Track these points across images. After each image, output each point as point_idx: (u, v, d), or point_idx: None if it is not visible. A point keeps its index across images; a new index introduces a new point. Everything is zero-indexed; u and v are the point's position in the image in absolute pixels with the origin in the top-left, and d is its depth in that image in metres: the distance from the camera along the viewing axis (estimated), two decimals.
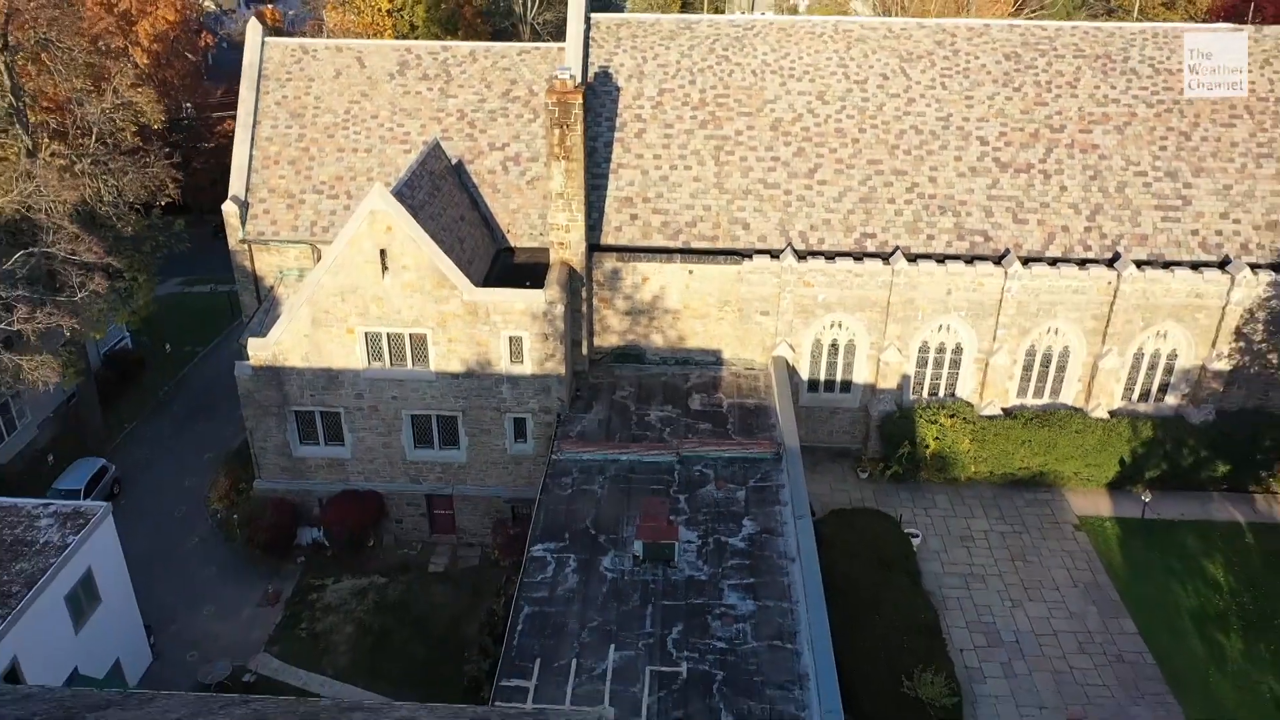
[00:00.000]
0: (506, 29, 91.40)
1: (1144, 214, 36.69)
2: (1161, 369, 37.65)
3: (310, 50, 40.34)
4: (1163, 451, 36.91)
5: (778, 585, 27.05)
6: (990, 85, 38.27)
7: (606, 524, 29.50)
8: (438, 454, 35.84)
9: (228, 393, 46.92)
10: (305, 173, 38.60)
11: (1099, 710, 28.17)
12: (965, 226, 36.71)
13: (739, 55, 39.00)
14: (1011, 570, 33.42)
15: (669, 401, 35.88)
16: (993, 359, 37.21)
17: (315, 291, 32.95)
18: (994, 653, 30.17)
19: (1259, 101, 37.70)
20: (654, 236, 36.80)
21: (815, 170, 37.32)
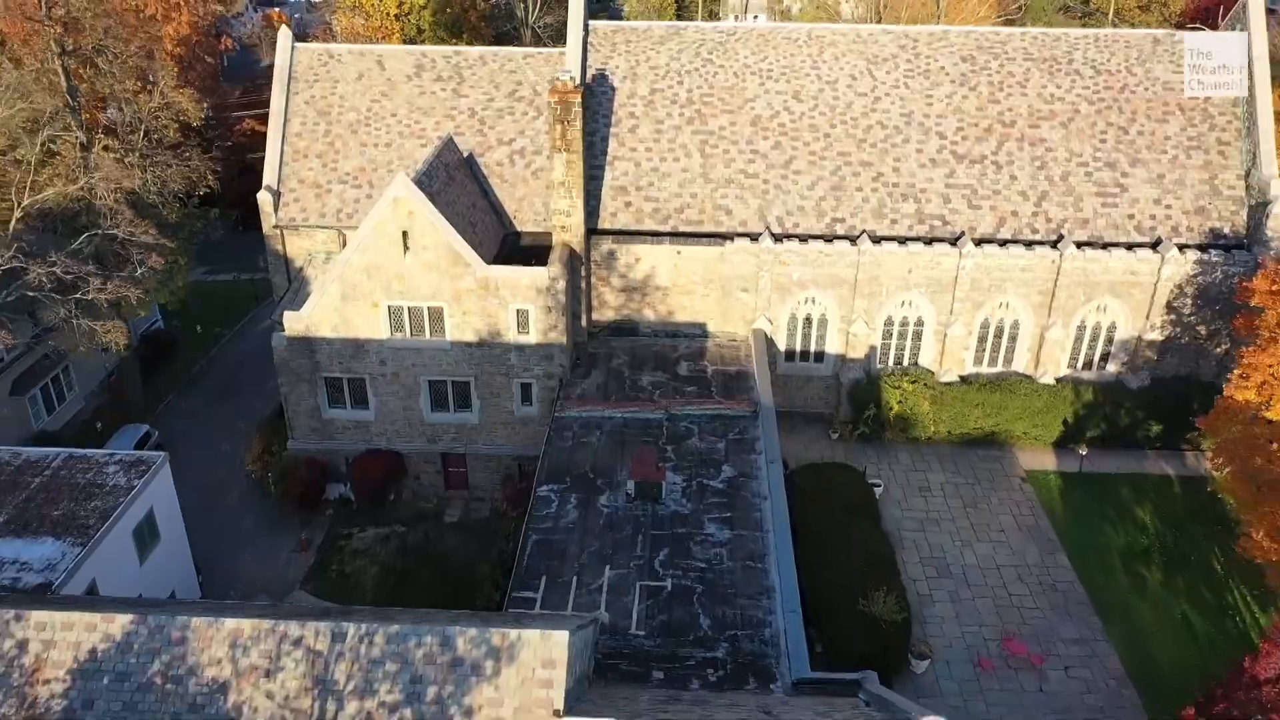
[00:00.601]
0: (508, 32, 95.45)
1: (1085, 200, 40.93)
2: (1102, 339, 41.87)
3: (335, 55, 44.58)
4: (1102, 413, 41.15)
5: (751, 518, 31.27)
6: (948, 85, 42.51)
7: (603, 469, 33.70)
8: (452, 416, 40.03)
9: (255, 370, 51.47)
10: (331, 165, 42.85)
11: (1031, 628, 32.40)
12: (925, 212, 40.94)
13: (722, 58, 43.24)
14: (963, 516, 37.66)
15: (659, 368, 40.10)
16: (950, 331, 41.44)
17: (345, 269, 37.15)
18: (943, 582, 34.40)
19: (1190, 100, 41.93)
20: (646, 221, 41.05)
21: (790, 162, 41.56)
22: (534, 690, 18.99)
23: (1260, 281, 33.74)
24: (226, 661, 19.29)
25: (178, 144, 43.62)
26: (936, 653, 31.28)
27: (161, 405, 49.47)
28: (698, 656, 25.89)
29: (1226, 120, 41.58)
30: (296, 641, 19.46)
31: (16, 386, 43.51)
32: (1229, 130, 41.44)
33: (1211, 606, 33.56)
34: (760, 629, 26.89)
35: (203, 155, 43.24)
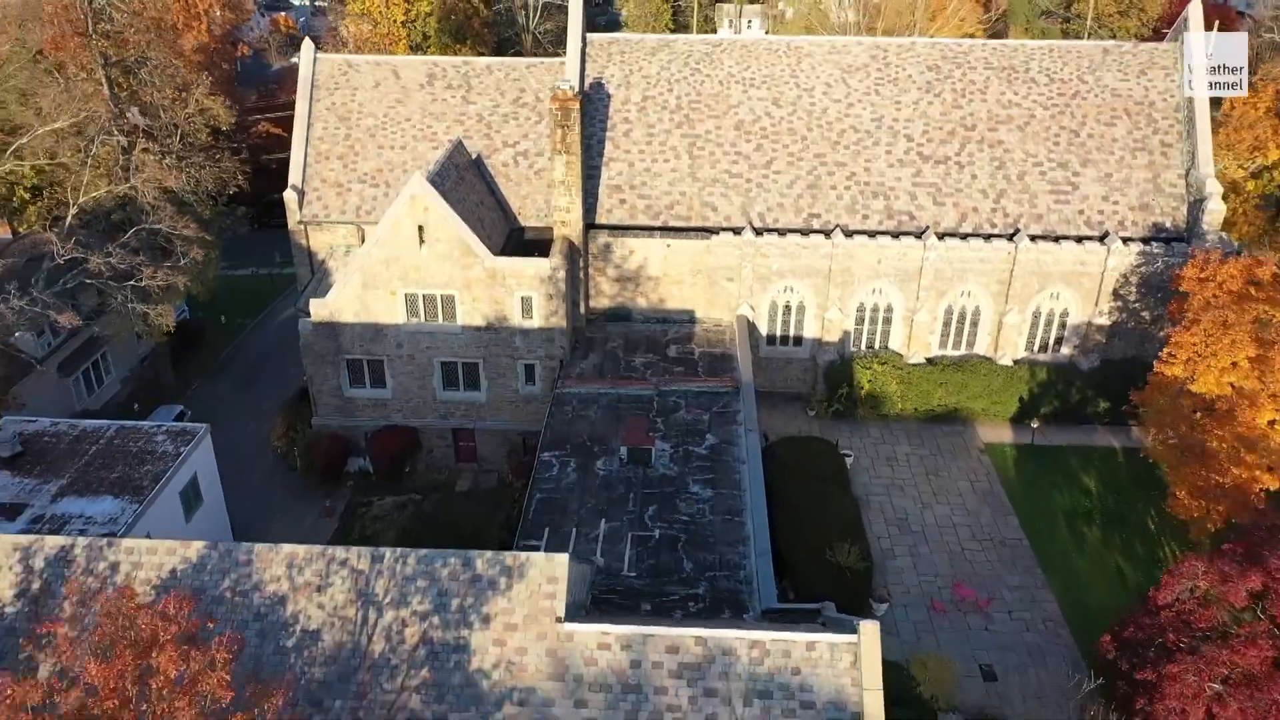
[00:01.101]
0: (510, 38, 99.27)
1: (1040, 197, 44.89)
2: (1056, 324, 45.84)
3: (354, 65, 48.52)
4: (1055, 392, 45.11)
5: (730, 479, 35.20)
6: (915, 92, 46.47)
7: (599, 438, 37.62)
8: (462, 395, 43.98)
9: (275, 358, 55.49)
10: (351, 166, 46.80)
11: (980, 577, 36.35)
12: (894, 208, 44.90)
13: (709, 68, 47.20)
14: (925, 482, 41.62)
15: (650, 351, 44.06)
16: (916, 317, 45.40)
17: (366, 260, 41.11)
18: (904, 539, 38.36)
19: (1135, 105, 45.91)
20: (639, 217, 45.01)
21: (771, 162, 45.53)
22: (540, 601, 22.94)
23: (1189, 270, 37.74)
24: (284, 579, 23.23)
25: (209, 146, 47.56)
26: (895, 597, 35.22)
27: (191, 389, 53.41)
28: (681, 593, 29.82)
29: (1169, 124, 45.55)
30: (343, 563, 23.41)
31: (63, 369, 47.44)
32: (1171, 133, 45.40)
33: (1143, 560, 37.48)
34: (736, 570, 30.83)
35: (232, 157, 47.12)
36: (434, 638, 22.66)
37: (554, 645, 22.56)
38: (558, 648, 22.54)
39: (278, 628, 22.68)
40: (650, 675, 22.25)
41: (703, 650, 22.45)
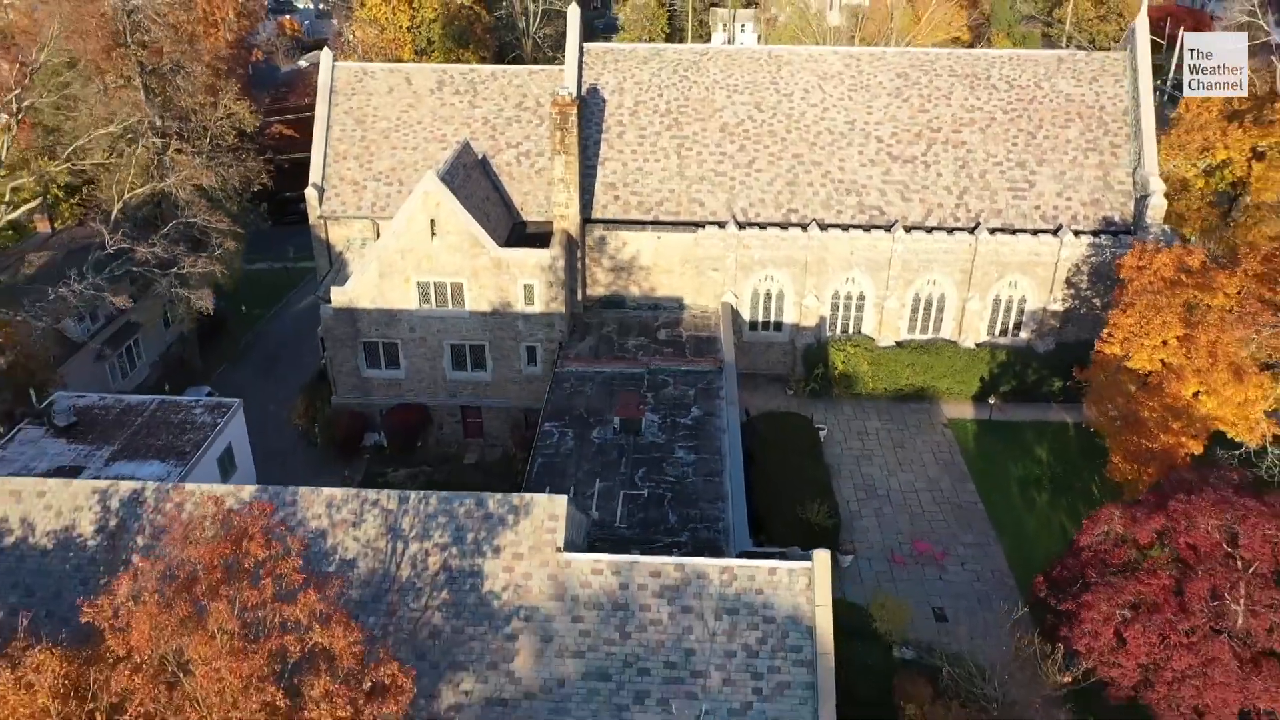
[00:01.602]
0: (511, 42, 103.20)
1: (999, 194, 48.95)
2: (1014, 310, 49.88)
3: (369, 72, 52.55)
4: (1014, 372, 49.18)
5: (712, 446, 39.23)
6: (885, 97, 50.52)
7: (594, 411, 41.64)
8: (470, 375, 48.00)
9: (292, 345, 59.45)
10: (367, 165, 50.83)
11: (937, 534, 40.42)
12: (865, 203, 48.95)
13: (696, 75, 51.24)
14: (891, 453, 45.70)
15: (642, 334, 48.08)
16: (886, 303, 49.46)
17: (382, 251, 45.13)
18: (870, 502, 42.43)
19: (1087, 109, 49.97)
20: (631, 212, 49.05)
21: (753, 162, 49.58)
22: (542, 535, 26.98)
23: (1128, 259, 41.77)
24: (325, 516, 27.26)
25: (235, 147, 51.58)
26: (860, 551, 39.30)
27: (216, 373, 57.37)
28: (665, 541, 33.85)
29: (1118, 126, 49.63)
30: (374, 503, 27.45)
31: (99, 356, 51.42)
32: (1119, 134, 49.48)
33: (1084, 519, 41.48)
34: (715, 523, 34.86)
35: (256, 157, 51.13)
36: (452, 565, 26.71)
37: (554, 571, 26.61)
38: (558, 573, 26.58)
39: (320, 557, 26.69)
40: (636, 595, 26.29)
41: (680, 575, 26.50)
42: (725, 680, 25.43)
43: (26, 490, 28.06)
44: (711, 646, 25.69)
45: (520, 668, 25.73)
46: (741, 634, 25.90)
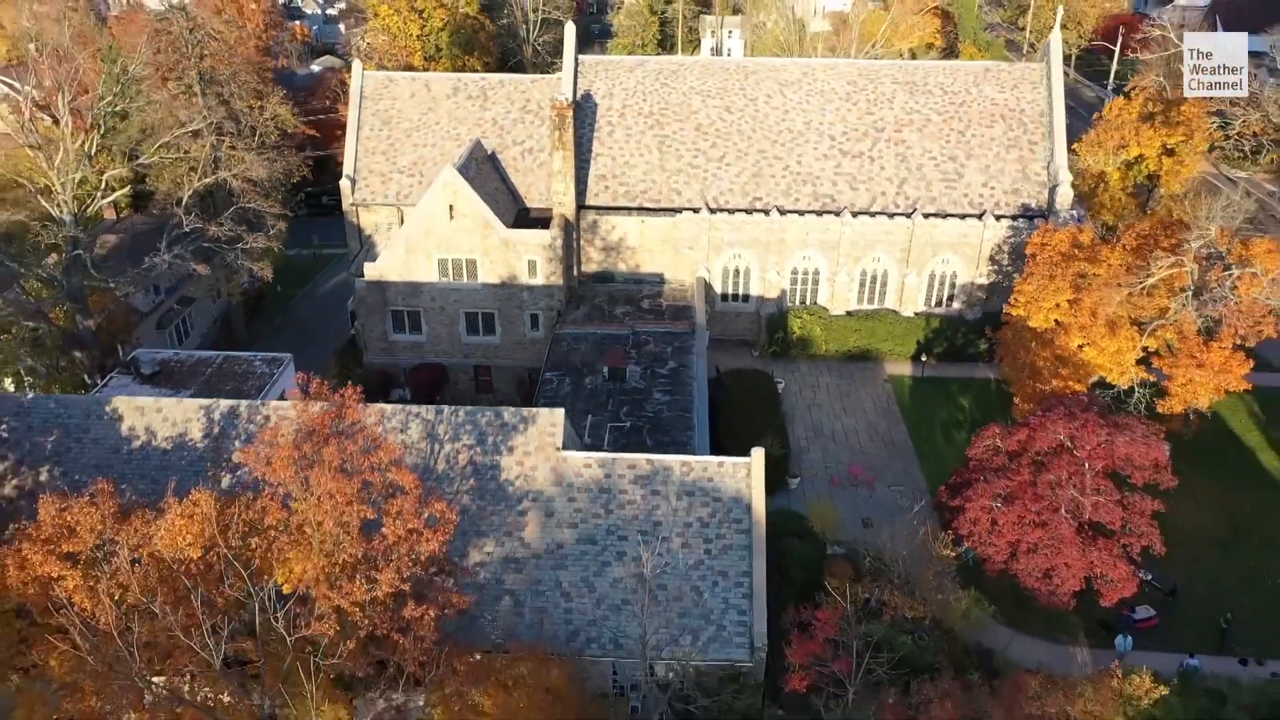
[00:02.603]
0: (513, 48, 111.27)
1: (934, 184, 57.34)
2: (947, 284, 58.26)
3: (393, 79, 60.94)
4: (946, 336, 57.58)
5: (684, 390, 47.61)
6: (837, 101, 58.94)
7: (588, 364, 49.97)
8: (481, 339, 56.31)
9: (321, 320, 67.61)
10: (392, 160, 59.19)
11: (870, 463, 48.79)
12: (819, 192, 57.33)
13: (675, 82, 59.65)
14: (838, 402, 54.12)
15: (628, 304, 56.44)
16: (837, 278, 57.87)
17: (408, 232, 53.46)
18: (817, 440, 50.87)
19: (1009, 112, 58.38)
20: (619, 200, 57.41)
21: (723, 157, 57.96)
22: (545, 437, 35.37)
23: (1034, 237, 50.18)
24: (379, 425, 35.55)
25: (278, 144, 59.93)
26: (805, 476, 47.72)
27: (258, 343, 65.63)
28: None
29: (1035, 126, 58.07)
30: (416, 414, 35.82)
31: (160, 323, 59.73)
32: (1036, 133, 57.93)
33: None
34: (684, 447, 43.16)
35: (297, 153, 59.48)
36: (477, 461, 35.10)
37: (555, 464, 35.01)
38: (557, 466, 34.99)
39: None
40: (617, 482, 34.70)
41: (650, 467, 34.93)
42: (684, 544, 33.86)
43: (148, 406, 36.47)
44: (674, 519, 34.10)
45: (529, 535, 34.14)
46: (696, 510, 34.33)
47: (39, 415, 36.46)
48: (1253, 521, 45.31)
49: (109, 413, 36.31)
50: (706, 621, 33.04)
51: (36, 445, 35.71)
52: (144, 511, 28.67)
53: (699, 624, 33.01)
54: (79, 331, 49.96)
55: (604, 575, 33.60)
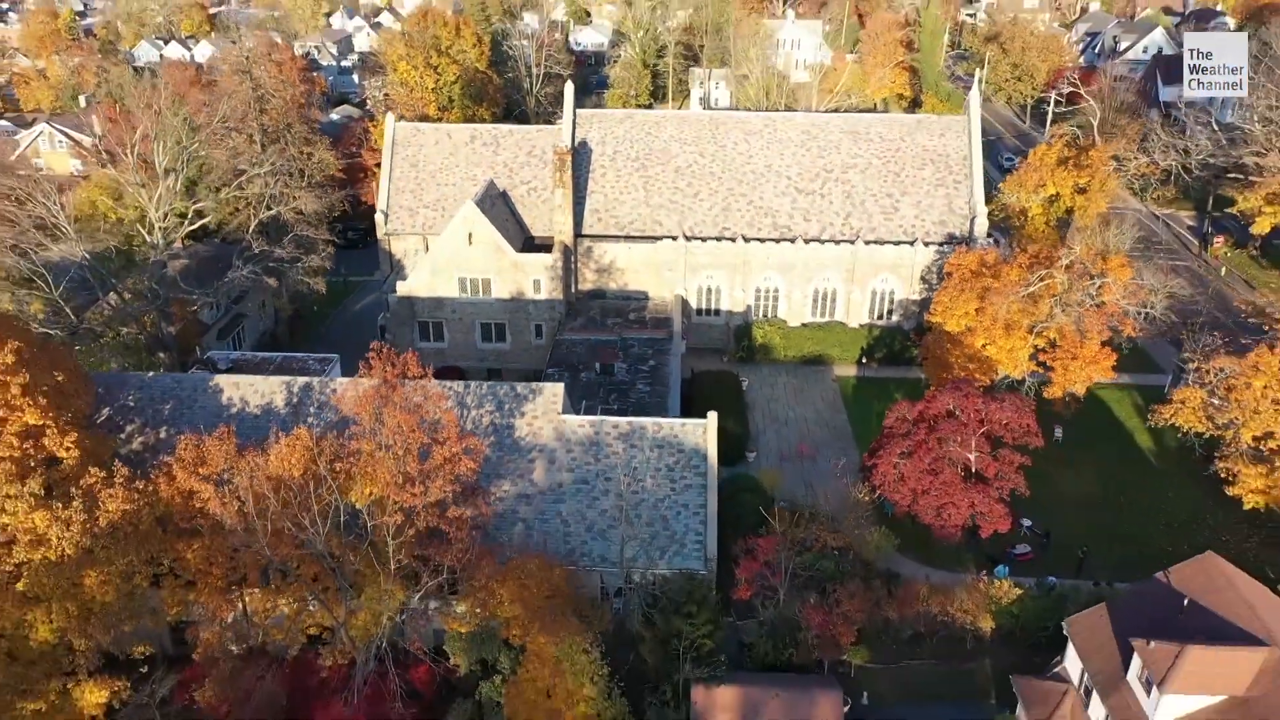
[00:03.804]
0: (517, 99, 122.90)
1: (874, 216, 68.42)
2: (886, 300, 69.10)
3: (420, 129, 72.30)
4: (885, 344, 68.30)
5: (662, 382, 58.21)
6: (794, 147, 70.21)
7: (583, 362, 60.57)
8: (494, 345, 66.97)
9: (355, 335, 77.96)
10: (418, 196, 70.29)
11: (814, 443, 59.22)
12: (778, 223, 68.37)
13: (657, 132, 70.98)
14: (793, 397, 64.69)
15: (618, 316, 67.19)
16: (793, 295, 68.72)
17: (435, 256, 64.36)
18: (773, 425, 61.36)
19: (938, 156, 69.65)
20: (610, 229, 68.43)
21: (698, 194, 69.11)
22: (549, 405, 45.94)
23: (952, 259, 61.07)
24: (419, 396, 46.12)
25: (322, 183, 71.09)
26: (760, 452, 58.14)
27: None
28: None
29: (959, 168, 69.30)
30: (450, 388, 46.31)
31: (220, 334, 70.44)
32: (960, 174, 69.14)
33: None
34: None
35: (338, 191, 70.60)
36: (497, 422, 45.61)
37: (556, 425, 45.54)
38: (558, 426, 45.51)
39: None
40: (604, 438, 45.20)
41: (630, 427, 45.47)
42: (655, 483, 44.28)
43: (242, 382, 47.10)
44: (647, 465, 44.54)
45: (536, 477, 44.58)
46: (665, 458, 44.82)
47: (159, 389, 47.06)
48: (1121, 487, 55.69)
49: (212, 387, 46.93)
50: (672, 540, 43.39)
51: (156, 411, 46.23)
52: (252, 450, 39.13)
53: (666, 543, 43.35)
54: (163, 336, 60.64)
55: (594, 507, 43.99)
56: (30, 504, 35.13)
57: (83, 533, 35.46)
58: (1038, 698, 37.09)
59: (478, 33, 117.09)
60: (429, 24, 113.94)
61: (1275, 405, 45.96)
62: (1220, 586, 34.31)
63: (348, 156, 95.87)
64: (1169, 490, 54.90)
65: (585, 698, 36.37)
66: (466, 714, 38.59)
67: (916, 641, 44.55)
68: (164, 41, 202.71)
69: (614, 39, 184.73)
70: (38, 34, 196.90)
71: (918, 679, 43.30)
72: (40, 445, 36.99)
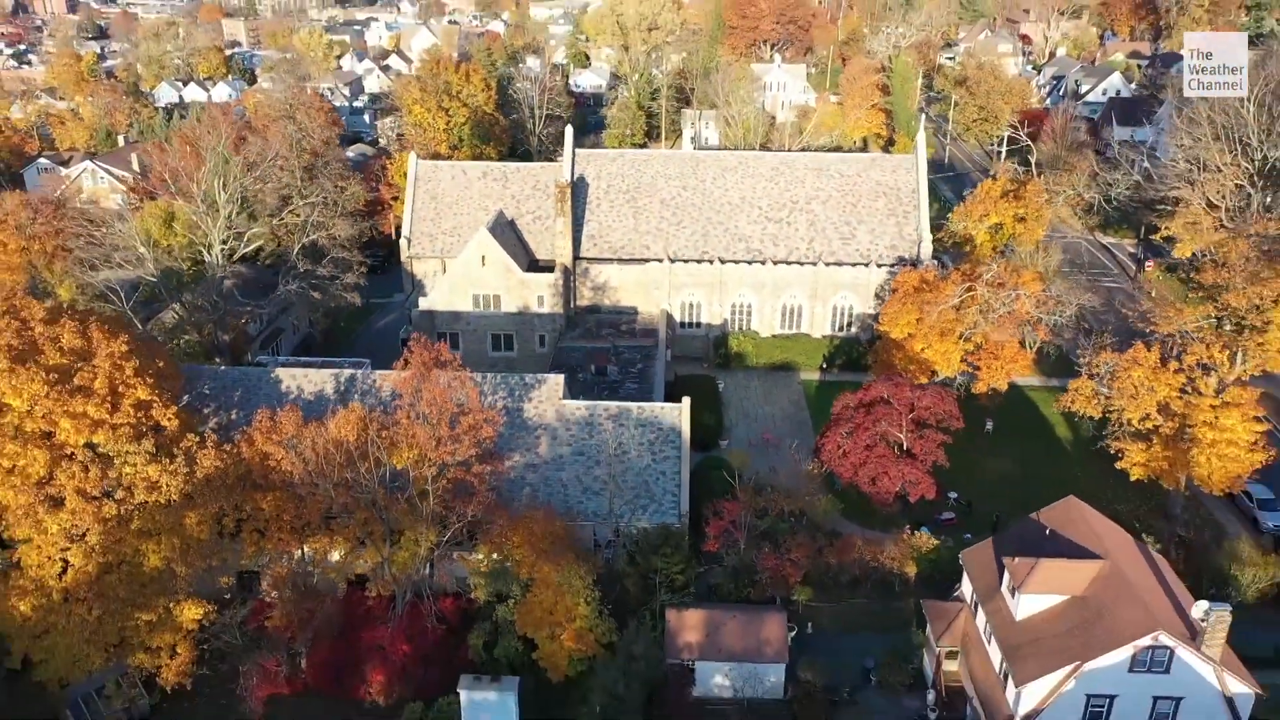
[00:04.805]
0: (521, 138, 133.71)
1: (835, 241, 78.61)
2: (846, 314, 79.11)
3: (439, 166, 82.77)
4: (845, 352, 78.18)
5: (648, 382, 68.02)
6: (764, 182, 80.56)
7: (581, 365, 70.38)
8: (503, 353, 76.81)
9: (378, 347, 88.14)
10: (438, 223, 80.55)
11: (779, 433, 68.89)
12: (750, 247, 78.55)
13: (645, 168, 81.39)
14: (762, 397, 74.46)
15: (611, 328, 77.16)
16: (764, 310, 78.75)
17: (452, 275, 74.44)
18: (744, 420, 71.10)
19: (890, 190, 80.00)
20: (605, 253, 78.58)
21: (681, 223, 79.37)
22: (552, 392, 55.78)
23: (898, 278, 71.19)
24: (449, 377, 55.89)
25: (354, 213, 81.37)
26: (733, 439, 67.83)
27: None
28: None
29: (908, 200, 79.60)
30: (470, 377, 56.14)
31: (263, 345, 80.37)
32: (909, 205, 79.42)
33: None
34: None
35: (367, 219, 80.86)
36: (508, 406, 55.39)
37: (558, 408, 55.36)
38: (560, 409, 55.33)
39: None
40: (597, 418, 54.99)
41: (618, 410, 55.28)
42: (638, 455, 53.97)
43: (298, 374, 56.96)
44: (632, 440, 54.23)
45: (541, 450, 54.30)
46: (647, 435, 54.57)
47: (229, 379, 56.93)
48: (1038, 469, 65.32)
49: (273, 378, 56.77)
50: (651, 500, 53.01)
51: (227, 397, 55.99)
52: (313, 422, 48.80)
53: (646, 502, 52.96)
54: (218, 343, 70.56)
55: (588, 474, 53.64)
56: (145, 459, 44.71)
57: (185, 483, 45.04)
58: (940, 615, 46.59)
59: (486, 78, 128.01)
60: (441, 70, 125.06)
61: (1151, 393, 55.73)
62: (1076, 521, 43.93)
63: (368, 190, 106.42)
64: (1076, 469, 64.50)
65: (580, 615, 45.77)
66: (486, 632, 47.93)
67: (854, 585, 53.99)
68: (183, 83, 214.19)
69: (611, 81, 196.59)
70: (62, 76, 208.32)
71: (853, 614, 52.72)
72: (149, 415, 46.61)
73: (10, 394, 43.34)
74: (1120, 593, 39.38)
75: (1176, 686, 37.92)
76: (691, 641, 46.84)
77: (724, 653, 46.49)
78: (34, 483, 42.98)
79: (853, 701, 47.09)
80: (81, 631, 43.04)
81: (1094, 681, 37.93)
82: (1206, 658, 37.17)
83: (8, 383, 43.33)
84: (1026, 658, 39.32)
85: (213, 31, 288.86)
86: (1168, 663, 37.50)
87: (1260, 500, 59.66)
